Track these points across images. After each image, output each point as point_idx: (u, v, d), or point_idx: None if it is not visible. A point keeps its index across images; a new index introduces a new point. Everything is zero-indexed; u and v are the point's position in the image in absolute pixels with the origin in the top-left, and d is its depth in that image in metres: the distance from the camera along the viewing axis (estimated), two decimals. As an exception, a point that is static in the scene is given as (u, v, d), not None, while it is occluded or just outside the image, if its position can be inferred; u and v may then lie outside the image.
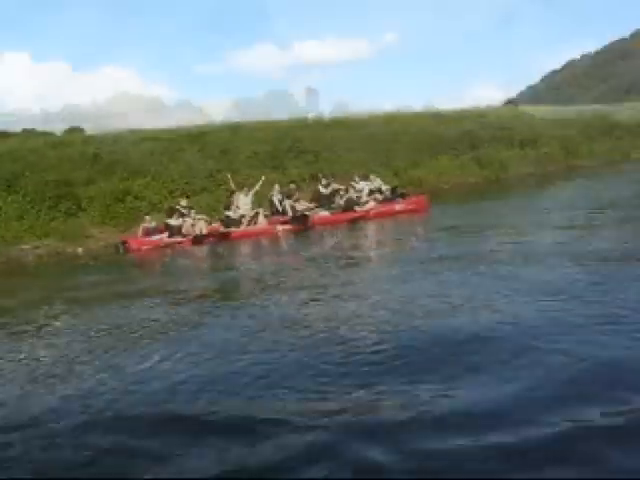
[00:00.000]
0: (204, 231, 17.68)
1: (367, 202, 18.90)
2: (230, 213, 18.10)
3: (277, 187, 19.33)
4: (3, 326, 8.41)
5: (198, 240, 17.26)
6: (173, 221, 17.93)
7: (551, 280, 7.10)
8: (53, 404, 4.87)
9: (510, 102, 57.97)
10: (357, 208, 18.56)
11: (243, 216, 18.08)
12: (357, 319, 6.48)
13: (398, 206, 18.75)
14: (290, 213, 18.21)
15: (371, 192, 19.42)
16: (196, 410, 4.48)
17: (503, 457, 3.43)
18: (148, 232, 18.06)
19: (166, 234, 17.83)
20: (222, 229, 17.78)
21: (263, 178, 20.09)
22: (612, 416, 3.76)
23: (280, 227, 17.71)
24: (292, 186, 19.76)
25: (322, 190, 19.42)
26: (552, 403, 4.00)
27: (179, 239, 17.51)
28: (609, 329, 5.22)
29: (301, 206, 18.72)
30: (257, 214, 18.18)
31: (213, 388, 4.86)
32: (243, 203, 18.53)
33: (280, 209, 18.53)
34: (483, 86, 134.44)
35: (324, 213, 18.64)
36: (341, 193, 19.35)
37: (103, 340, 6.82)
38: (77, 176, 21.02)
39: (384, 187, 19.88)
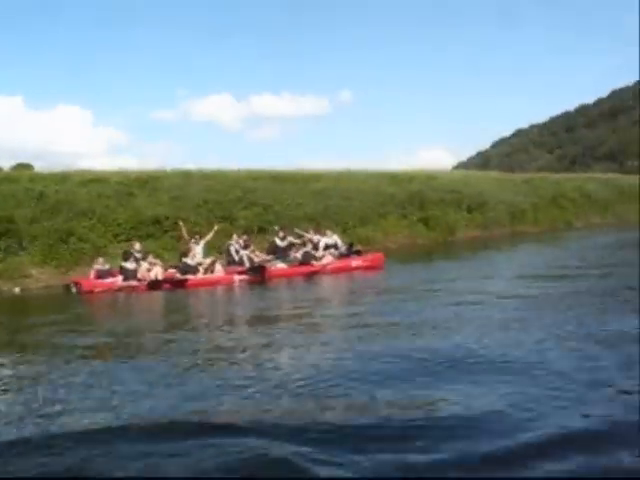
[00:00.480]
0: (160, 277, 17.36)
1: (324, 257, 18.91)
2: (188, 260, 17.85)
3: (235, 237, 19.19)
4: None
5: (154, 285, 16.90)
6: (129, 264, 17.58)
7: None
8: None
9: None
10: (314, 262, 18.57)
11: (200, 264, 17.88)
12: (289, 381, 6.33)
13: (355, 262, 18.83)
14: (247, 264, 18.07)
15: (327, 247, 19.46)
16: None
17: None
18: (100, 275, 17.67)
19: (120, 277, 17.45)
20: (178, 276, 17.50)
21: (216, 228, 19.98)
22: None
23: (237, 277, 17.51)
24: (244, 237, 19.66)
25: (278, 242, 19.38)
26: None
27: (134, 283, 17.15)
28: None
29: (258, 257, 18.61)
30: (214, 263, 17.98)
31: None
32: (196, 252, 18.36)
33: (237, 259, 18.36)
34: (434, 148, 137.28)
35: (281, 265, 18.57)
36: (297, 246, 19.38)
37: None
38: (21, 214, 20.56)
39: (339, 243, 19.94)
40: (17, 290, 18.46)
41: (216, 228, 19.86)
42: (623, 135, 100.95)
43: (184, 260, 17.88)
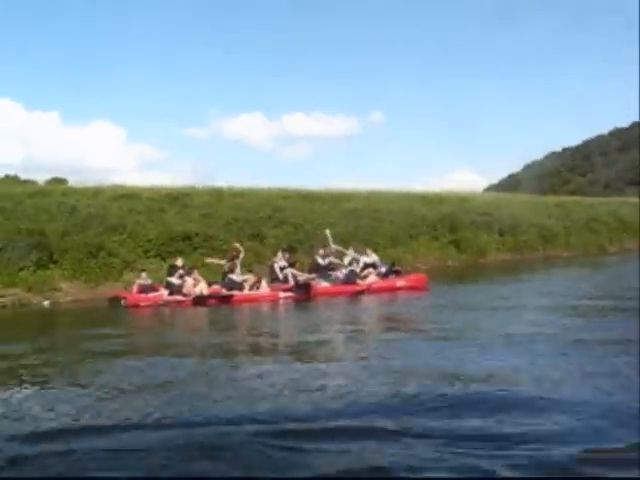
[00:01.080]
0: (205, 292, 17.32)
1: (368, 276, 18.72)
2: (233, 276, 17.78)
3: (280, 254, 19.06)
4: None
5: (199, 301, 16.86)
6: (174, 279, 17.55)
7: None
8: None
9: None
10: (359, 281, 18.39)
11: (245, 280, 17.81)
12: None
13: (399, 282, 18.62)
14: (292, 281, 17.91)
15: (366, 266, 19.28)
16: None
17: None
18: (143, 289, 17.72)
19: (166, 292, 17.46)
20: (224, 291, 17.44)
21: (241, 249, 19.83)
22: None
23: (283, 294, 17.40)
24: (287, 255, 19.49)
25: (320, 261, 19.20)
26: None
27: (179, 298, 17.13)
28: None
29: (302, 276, 18.49)
30: (259, 280, 17.89)
31: None
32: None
33: (281, 277, 18.21)
34: (464, 170, 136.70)
35: (325, 284, 18.41)
36: (336, 265, 19.26)
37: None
38: (52, 227, 20.66)
39: (378, 262, 19.71)
40: (46, 303, 18.51)
41: (241, 249, 19.56)
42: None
43: (230, 276, 17.78)
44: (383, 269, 19.38)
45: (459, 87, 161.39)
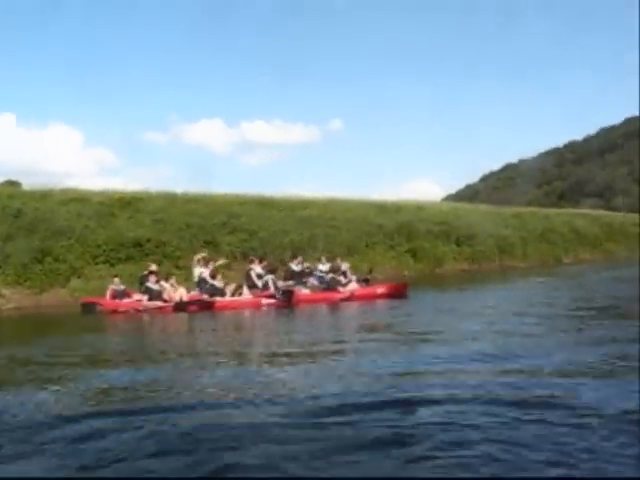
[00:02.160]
0: (185, 298, 16.71)
1: (349, 283, 18.46)
2: (215, 282, 17.24)
3: (257, 261, 18.59)
4: None
5: (181, 307, 16.24)
6: (152, 285, 16.86)
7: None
8: None
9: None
10: (340, 288, 18.07)
11: (226, 286, 17.32)
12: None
13: (380, 289, 18.38)
14: (272, 288, 17.43)
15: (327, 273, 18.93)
16: None
17: None
18: (116, 295, 17.06)
19: (145, 297, 16.75)
20: (206, 297, 16.83)
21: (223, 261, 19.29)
22: None
23: (265, 301, 16.93)
24: (265, 262, 19.03)
25: (294, 267, 18.82)
26: None
27: (159, 304, 16.47)
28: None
29: (280, 283, 18.09)
30: (241, 286, 17.42)
31: None
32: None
33: (259, 284, 17.73)
34: (422, 180, 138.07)
35: (306, 291, 18.05)
36: (311, 271, 18.99)
37: None
38: (-5, 231, 19.87)
39: (349, 271, 19.37)
40: (-13, 311, 17.73)
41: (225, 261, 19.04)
42: (611, 173, 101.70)
43: (211, 282, 17.23)
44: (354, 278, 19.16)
45: (417, 97, 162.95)
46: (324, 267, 19.26)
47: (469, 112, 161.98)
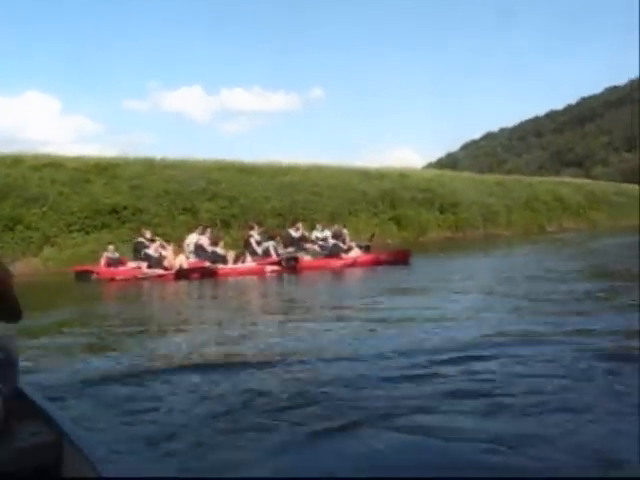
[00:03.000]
0: (185, 265, 16.04)
1: (350, 249, 18.07)
2: (217, 249, 16.71)
3: (257, 228, 18.02)
4: None
5: (182, 274, 15.53)
6: (152, 252, 16.27)
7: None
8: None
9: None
10: (343, 255, 17.70)
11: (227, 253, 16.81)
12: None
13: (383, 256, 17.91)
14: (274, 255, 17.02)
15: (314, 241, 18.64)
16: None
17: None
18: (111, 262, 16.47)
19: (144, 264, 16.12)
20: (208, 265, 16.20)
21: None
22: None
23: (269, 268, 16.45)
24: (263, 229, 18.62)
25: (293, 234, 18.30)
26: None
27: (160, 271, 15.84)
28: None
29: (281, 249, 17.56)
30: (243, 254, 16.92)
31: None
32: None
33: (259, 251, 17.20)
34: (403, 148, 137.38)
35: (307, 258, 17.51)
36: (308, 237, 18.59)
37: None
38: (-37, 198, 19.05)
39: (347, 238, 18.90)
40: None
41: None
42: (591, 142, 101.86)
43: (213, 249, 16.71)
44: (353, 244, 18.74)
45: (397, 64, 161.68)
46: (320, 234, 18.91)
47: (450, 81, 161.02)
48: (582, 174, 74.32)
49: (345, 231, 19.05)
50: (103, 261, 16.58)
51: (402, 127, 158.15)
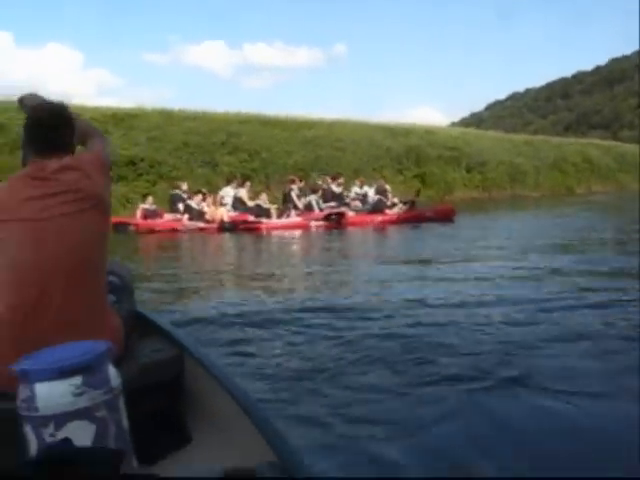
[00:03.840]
0: (226, 218, 15.57)
1: (394, 205, 17.71)
2: (261, 202, 16.29)
3: (298, 182, 17.55)
4: None
5: (226, 227, 15.18)
6: (195, 204, 15.92)
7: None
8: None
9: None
10: (387, 211, 17.36)
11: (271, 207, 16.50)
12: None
13: (427, 213, 17.44)
14: (316, 209, 16.64)
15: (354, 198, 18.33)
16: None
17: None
18: (147, 215, 15.98)
19: (184, 217, 15.74)
20: (251, 218, 15.72)
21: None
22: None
23: (314, 223, 16.04)
24: (303, 183, 18.10)
25: (334, 189, 17.77)
26: None
27: (201, 224, 15.52)
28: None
29: (323, 204, 17.14)
30: (288, 207, 16.57)
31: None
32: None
33: (300, 205, 16.80)
34: (426, 107, 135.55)
35: (351, 213, 17.21)
36: (360, 194, 18.37)
37: None
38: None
39: (390, 194, 18.45)
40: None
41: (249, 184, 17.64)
42: (619, 104, 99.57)
43: (257, 202, 16.31)
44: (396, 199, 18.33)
45: (424, 21, 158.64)
46: (360, 190, 18.56)
47: (476, 40, 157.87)
48: (609, 137, 72.53)
49: (388, 187, 18.64)
50: (139, 213, 16.08)
51: (425, 86, 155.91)
